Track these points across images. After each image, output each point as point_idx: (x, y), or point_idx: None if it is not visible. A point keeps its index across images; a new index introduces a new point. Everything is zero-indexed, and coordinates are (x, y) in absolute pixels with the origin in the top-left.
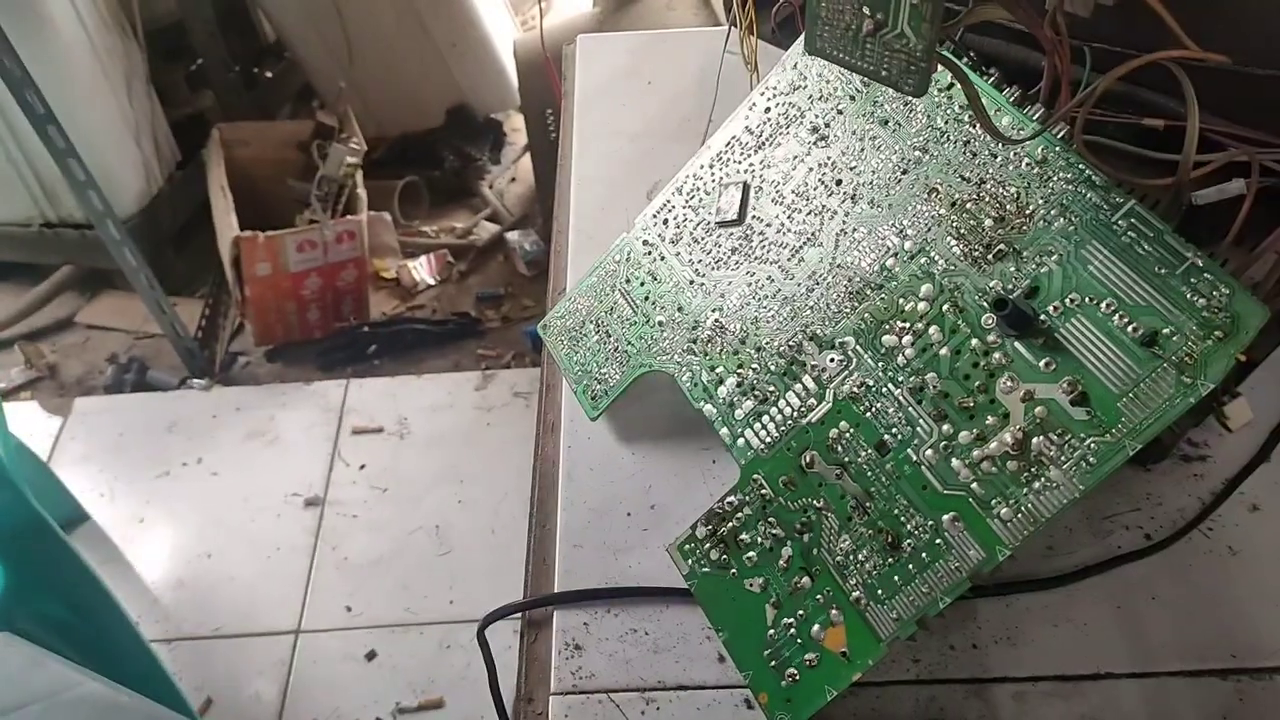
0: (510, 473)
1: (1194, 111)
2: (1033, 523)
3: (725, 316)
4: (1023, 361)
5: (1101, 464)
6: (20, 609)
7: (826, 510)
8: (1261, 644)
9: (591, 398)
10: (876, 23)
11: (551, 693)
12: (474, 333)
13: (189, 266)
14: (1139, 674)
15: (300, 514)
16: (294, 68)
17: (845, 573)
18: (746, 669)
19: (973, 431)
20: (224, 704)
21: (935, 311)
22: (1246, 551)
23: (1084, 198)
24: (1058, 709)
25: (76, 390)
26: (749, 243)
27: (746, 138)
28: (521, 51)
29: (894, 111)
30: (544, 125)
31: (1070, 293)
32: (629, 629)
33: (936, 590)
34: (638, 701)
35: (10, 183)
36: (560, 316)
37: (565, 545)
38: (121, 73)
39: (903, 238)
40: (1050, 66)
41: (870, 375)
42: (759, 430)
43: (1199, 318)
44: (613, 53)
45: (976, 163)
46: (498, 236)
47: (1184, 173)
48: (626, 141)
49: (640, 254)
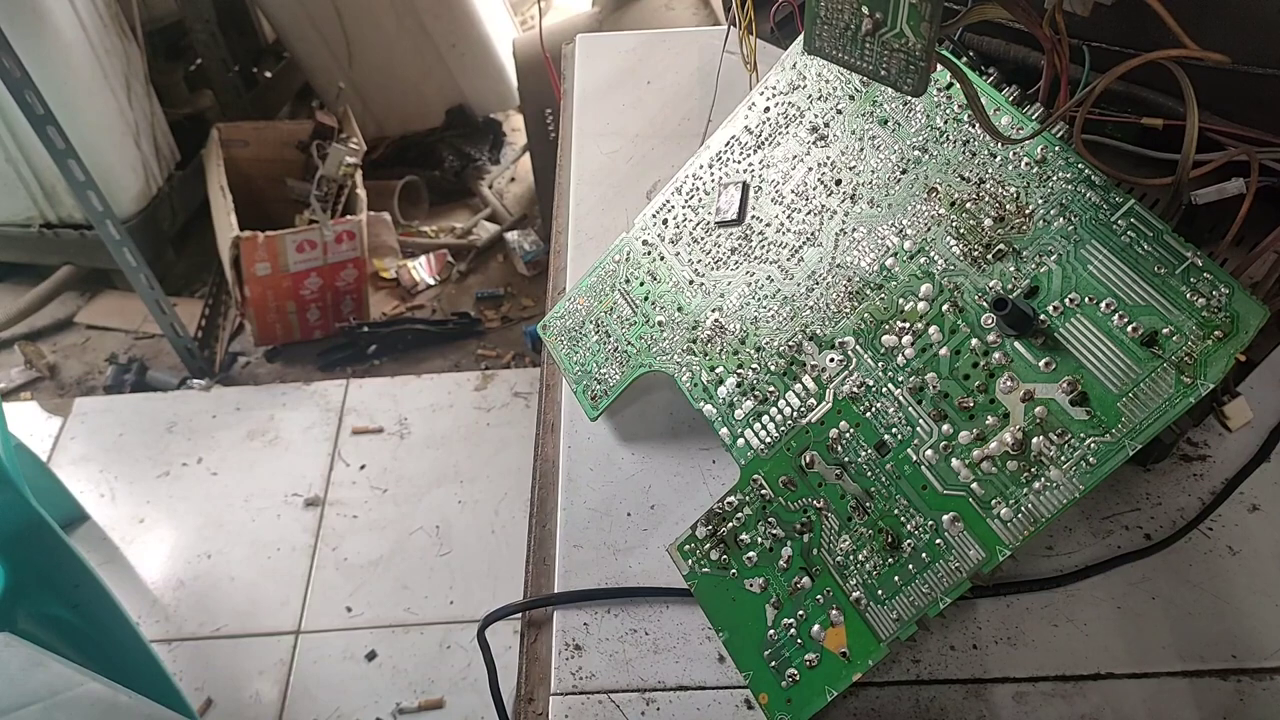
0: (510, 473)
1: (1193, 110)
2: (1033, 523)
3: (725, 316)
4: (1022, 361)
5: (1101, 464)
6: (20, 609)
7: (826, 510)
8: (1261, 644)
9: (591, 398)
10: (875, 22)
11: (551, 693)
12: (474, 333)
13: (189, 266)
14: (1139, 674)
15: (300, 514)
16: (293, 68)
17: (845, 573)
18: (747, 669)
19: (973, 431)
20: (224, 704)
21: (935, 311)
22: (1246, 551)
23: (1083, 197)
24: (1058, 709)
25: (76, 390)
26: (748, 242)
27: (746, 137)
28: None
29: (893, 111)
30: (543, 125)
31: (1070, 292)
32: (629, 629)
33: (936, 590)
34: (638, 701)
35: (10, 183)
36: (560, 316)
37: (565, 545)
38: (121, 73)
39: (902, 237)
40: (1049, 66)
41: (870, 375)
42: (759, 430)
43: (1199, 317)
44: (612, 52)
45: (976, 162)
46: (497, 236)
47: (1183, 172)
48: (626, 141)
49: (640, 254)
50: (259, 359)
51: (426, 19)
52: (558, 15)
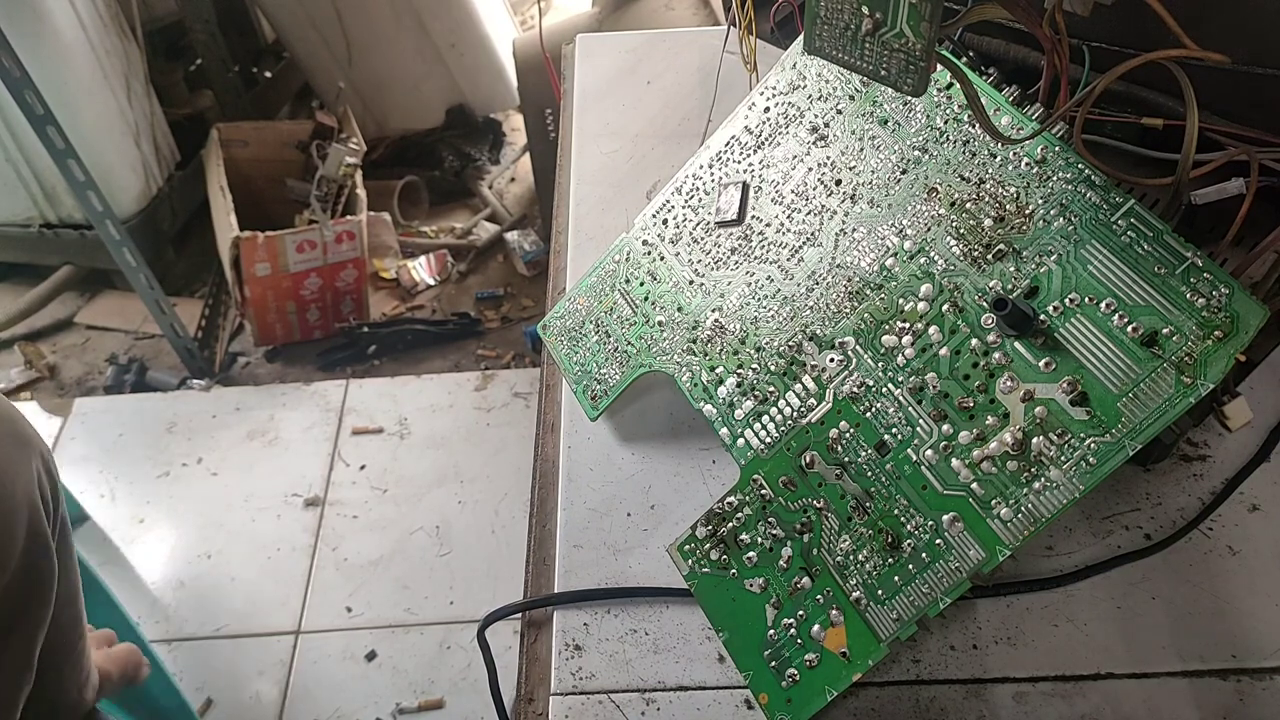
0: (510, 473)
1: (1193, 111)
2: (1033, 523)
3: (725, 316)
4: (1022, 361)
5: (1101, 464)
6: None
7: (826, 510)
8: (1261, 644)
9: (591, 398)
10: (875, 22)
11: (551, 693)
12: (474, 333)
13: (189, 266)
14: (1139, 674)
15: (300, 514)
16: (293, 68)
17: (845, 573)
18: (747, 669)
19: (973, 431)
20: (224, 704)
21: (935, 311)
22: (1246, 551)
23: (1083, 197)
24: (1058, 709)
25: (76, 390)
26: (748, 243)
27: (746, 137)
28: (521, 51)
29: (893, 111)
30: (543, 125)
31: (1070, 293)
32: (629, 629)
33: (936, 590)
34: (638, 701)
35: (10, 183)
36: (560, 316)
37: (565, 545)
38: (121, 73)
39: (902, 238)
40: (1049, 66)
41: (870, 375)
42: (759, 430)
43: (1198, 317)
44: (612, 52)
45: (976, 162)
46: (497, 236)
47: (1183, 172)
48: (626, 141)
49: (640, 254)
50: (259, 359)
51: (426, 19)
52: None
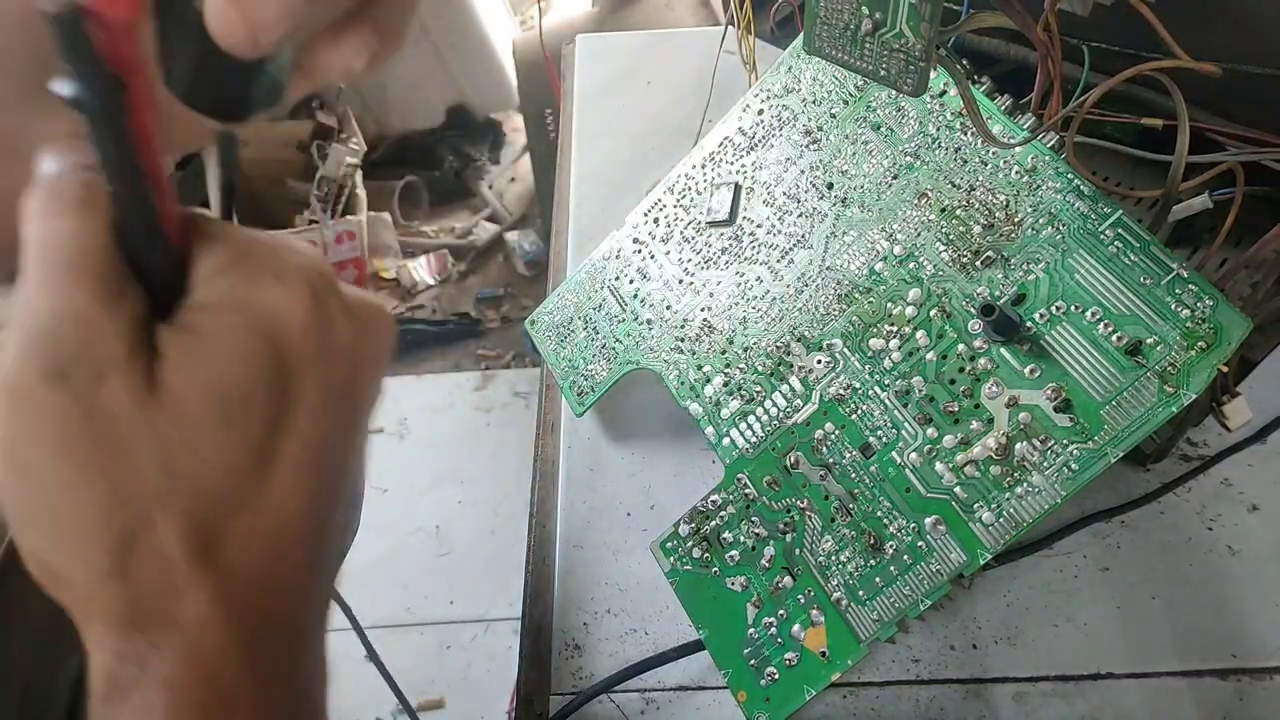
0: (510, 473)
1: (1184, 121)
2: (1014, 527)
3: (713, 316)
4: (1008, 367)
5: (1084, 470)
6: None
7: (810, 511)
8: (1261, 644)
9: (578, 394)
10: (875, 22)
11: (551, 693)
12: (474, 333)
13: None
14: (1139, 674)
15: None
16: None
17: (827, 573)
18: (726, 667)
19: (957, 436)
20: None
21: (923, 316)
22: (1246, 551)
23: (1072, 207)
24: (1058, 709)
25: None
26: (739, 243)
27: (739, 139)
28: (521, 51)
29: (886, 117)
30: (543, 125)
31: (1056, 300)
32: (629, 629)
33: (917, 592)
34: (638, 701)
35: None
36: (548, 312)
37: (565, 545)
38: None
39: (892, 242)
40: (1043, 72)
41: (857, 378)
42: (744, 430)
43: (1183, 328)
44: (612, 52)
45: (967, 169)
46: (497, 236)
47: (1173, 183)
48: (626, 141)
49: (630, 251)
50: None
51: (426, 18)
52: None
